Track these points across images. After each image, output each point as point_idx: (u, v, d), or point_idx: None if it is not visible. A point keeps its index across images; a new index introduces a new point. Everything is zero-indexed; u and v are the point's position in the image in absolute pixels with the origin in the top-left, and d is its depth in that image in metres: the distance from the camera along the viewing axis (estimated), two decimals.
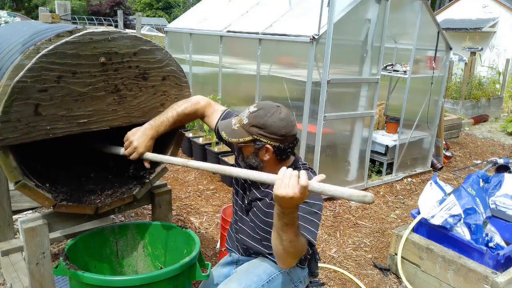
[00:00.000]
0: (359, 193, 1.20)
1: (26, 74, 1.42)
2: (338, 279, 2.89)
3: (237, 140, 1.59)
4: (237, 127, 1.60)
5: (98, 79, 1.62)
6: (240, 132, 1.59)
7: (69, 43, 1.50)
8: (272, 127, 1.55)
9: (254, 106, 1.61)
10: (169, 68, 1.84)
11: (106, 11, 31.50)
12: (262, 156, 1.61)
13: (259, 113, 1.56)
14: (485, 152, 6.45)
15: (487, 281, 2.37)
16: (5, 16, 5.45)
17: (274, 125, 1.55)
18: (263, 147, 1.58)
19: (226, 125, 1.65)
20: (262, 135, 1.56)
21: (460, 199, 2.66)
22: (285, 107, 1.63)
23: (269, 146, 1.57)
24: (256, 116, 1.56)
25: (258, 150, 1.60)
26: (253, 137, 1.57)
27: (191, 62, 5.76)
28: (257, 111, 1.57)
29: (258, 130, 1.56)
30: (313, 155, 3.88)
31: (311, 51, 3.60)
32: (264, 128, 1.55)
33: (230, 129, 1.62)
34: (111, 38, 1.60)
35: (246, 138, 1.58)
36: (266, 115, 1.56)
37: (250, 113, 1.58)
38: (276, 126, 1.55)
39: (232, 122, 1.64)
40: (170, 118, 1.81)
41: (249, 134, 1.57)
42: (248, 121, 1.57)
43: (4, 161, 1.50)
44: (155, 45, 1.76)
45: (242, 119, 1.59)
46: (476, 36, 12.26)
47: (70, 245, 1.76)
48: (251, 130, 1.56)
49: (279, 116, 1.56)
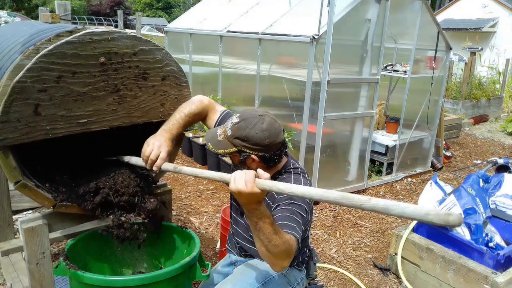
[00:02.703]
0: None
1: (25, 74, 1.42)
2: (338, 279, 2.89)
3: (223, 152, 1.59)
4: (222, 138, 1.60)
5: (97, 79, 1.62)
6: (225, 144, 1.59)
7: (69, 43, 1.49)
8: (254, 139, 1.54)
9: (237, 116, 1.60)
10: (169, 68, 1.83)
11: (106, 11, 31.49)
12: (249, 164, 1.61)
13: (240, 125, 1.56)
14: (485, 152, 6.45)
15: (487, 281, 2.37)
16: (5, 16, 5.46)
17: (256, 137, 1.54)
18: (249, 157, 1.58)
19: (212, 136, 1.65)
20: (245, 147, 1.56)
21: (460, 199, 2.66)
22: (269, 115, 1.61)
23: (254, 157, 1.57)
24: (238, 128, 1.56)
25: (245, 159, 1.60)
26: (237, 148, 1.57)
27: (191, 62, 5.76)
28: (239, 123, 1.56)
29: (241, 142, 1.56)
30: (313, 155, 3.88)
31: (311, 51, 3.60)
32: (247, 140, 1.55)
33: (215, 141, 1.62)
34: (111, 38, 1.60)
35: (231, 150, 1.58)
36: (247, 127, 1.55)
37: (232, 124, 1.58)
38: (259, 137, 1.54)
39: (217, 133, 1.63)
40: (180, 120, 1.81)
41: (233, 145, 1.57)
42: (231, 133, 1.57)
43: (4, 161, 1.50)
44: (155, 45, 1.76)
45: (226, 130, 1.60)
46: (476, 36, 12.24)
47: (70, 245, 1.76)
48: (235, 142, 1.56)
49: (261, 126, 1.54)
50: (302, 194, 1.19)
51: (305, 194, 1.18)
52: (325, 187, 4.05)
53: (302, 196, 1.21)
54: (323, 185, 4.02)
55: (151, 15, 38.28)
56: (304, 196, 1.19)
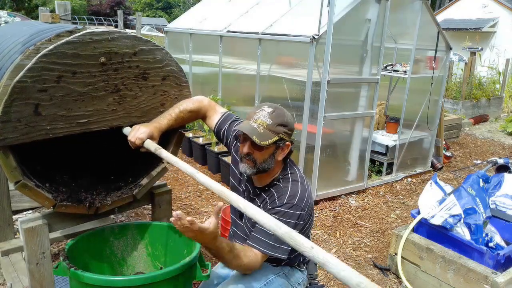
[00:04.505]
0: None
1: (26, 74, 1.42)
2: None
3: (267, 143, 1.56)
4: (262, 129, 1.56)
5: (98, 79, 1.62)
6: (267, 134, 1.57)
7: (69, 43, 1.49)
8: (290, 124, 1.63)
9: (266, 106, 1.62)
10: (169, 68, 1.83)
11: (106, 11, 31.49)
12: (278, 155, 1.63)
13: (278, 113, 1.61)
14: (485, 152, 6.45)
15: (487, 281, 2.37)
16: (5, 16, 5.46)
17: (291, 122, 1.63)
18: (284, 145, 1.63)
19: (251, 130, 1.56)
20: (286, 133, 1.61)
21: (460, 199, 2.66)
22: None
23: (289, 143, 1.64)
24: (277, 115, 1.60)
25: (277, 149, 1.62)
26: (279, 136, 1.59)
27: (191, 62, 5.76)
28: (275, 111, 1.61)
29: (283, 128, 1.60)
30: (313, 155, 3.88)
31: (311, 51, 3.60)
32: (287, 126, 1.61)
33: (257, 132, 1.55)
34: (111, 38, 1.60)
35: (274, 139, 1.58)
36: (284, 113, 1.62)
37: (269, 113, 1.59)
38: (291, 122, 1.64)
39: (253, 126, 1.57)
40: (173, 114, 1.82)
41: (275, 134, 1.58)
42: (273, 121, 1.58)
43: (4, 161, 1.50)
44: (155, 45, 1.76)
45: (264, 120, 1.57)
46: (476, 36, 12.24)
47: (70, 245, 1.76)
48: (278, 129, 1.58)
49: (288, 113, 1.65)
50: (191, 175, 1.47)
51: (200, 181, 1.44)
52: (325, 187, 4.07)
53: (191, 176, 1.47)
54: (323, 185, 4.02)
55: (151, 15, 38.29)
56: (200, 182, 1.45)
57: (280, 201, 1.60)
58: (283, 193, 1.61)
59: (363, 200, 4.24)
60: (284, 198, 1.60)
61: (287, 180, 1.66)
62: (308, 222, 1.68)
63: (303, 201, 1.60)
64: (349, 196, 4.27)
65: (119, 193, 1.92)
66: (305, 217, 1.61)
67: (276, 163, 1.65)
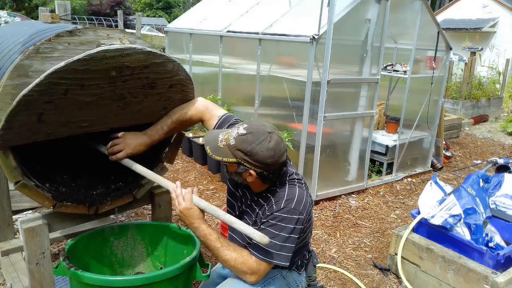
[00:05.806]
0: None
1: (34, 88, 1.38)
2: (338, 279, 2.89)
3: (221, 159, 1.54)
4: (222, 145, 1.54)
5: (105, 90, 1.58)
6: (225, 151, 1.53)
7: (81, 60, 1.43)
8: (258, 155, 1.49)
9: (244, 127, 1.53)
10: (178, 78, 1.78)
11: (106, 11, 31.48)
12: (245, 177, 1.59)
13: (247, 138, 1.50)
14: (485, 152, 6.45)
15: (487, 281, 2.37)
16: (5, 16, 5.46)
17: (260, 154, 1.49)
18: (246, 171, 1.55)
19: (212, 139, 1.58)
20: (246, 161, 1.51)
21: (460, 199, 2.66)
22: (277, 133, 1.56)
23: (252, 172, 1.54)
24: (244, 140, 1.50)
25: (241, 172, 1.57)
26: (237, 160, 1.52)
27: (191, 62, 5.76)
28: (245, 135, 1.50)
29: (243, 156, 1.50)
30: (313, 155, 3.88)
31: (311, 51, 3.60)
32: (250, 156, 1.50)
33: (215, 146, 1.55)
34: (124, 54, 1.54)
35: (230, 159, 1.53)
36: (254, 142, 1.49)
37: (238, 135, 1.51)
38: (263, 155, 1.49)
39: (219, 138, 1.56)
40: (165, 127, 1.84)
41: (233, 156, 1.52)
42: (235, 143, 1.50)
43: (4, 161, 1.50)
44: (168, 58, 1.69)
45: (229, 138, 1.53)
46: (476, 36, 12.24)
47: (70, 245, 1.76)
48: (236, 153, 1.51)
49: (267, 145, 1.49)
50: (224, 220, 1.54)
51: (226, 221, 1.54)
52: (325, 187, 4.07)
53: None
54: (323, 185, 4.02)
55: (151, 15, 38.29)
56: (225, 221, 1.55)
57: (278, 205, 1.57)
58: (280, 197, 1.59)
59: (363, 200, 4.24)
60: (281, 203, 1.57)
61: (284, 184, 1.64)
62: (307, 225, 1.67)
63: (300, 204, 1.57)
64: (349, 196, 4.27)
65: (119, 193, 1.92)
66: (303, 221, 1.60)
67: (252, 182, 1.61)
